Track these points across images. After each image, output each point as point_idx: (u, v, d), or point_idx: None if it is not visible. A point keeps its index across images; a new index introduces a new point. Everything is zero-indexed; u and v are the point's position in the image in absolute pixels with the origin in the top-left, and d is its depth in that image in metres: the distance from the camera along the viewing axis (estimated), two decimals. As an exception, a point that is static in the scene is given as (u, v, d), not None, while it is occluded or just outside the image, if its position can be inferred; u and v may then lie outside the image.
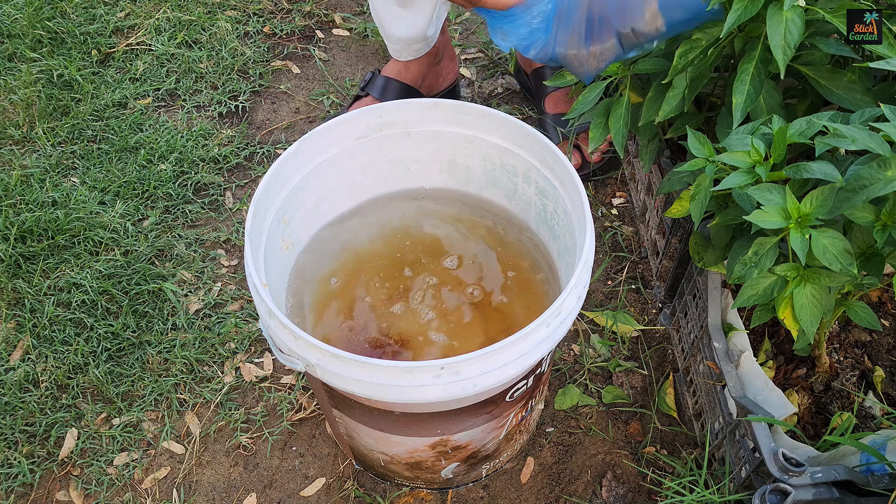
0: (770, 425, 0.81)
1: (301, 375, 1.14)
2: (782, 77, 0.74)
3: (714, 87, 0.96)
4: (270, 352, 1.17)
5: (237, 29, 1.65)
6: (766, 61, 0.79)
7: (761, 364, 0.95)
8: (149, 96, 1.53)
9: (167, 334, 1.19)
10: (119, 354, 1.17)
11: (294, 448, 1.09)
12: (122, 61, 1.59)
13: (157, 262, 1.28)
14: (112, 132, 1.46)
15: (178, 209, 1.35)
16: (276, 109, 1.53)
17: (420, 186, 1.03)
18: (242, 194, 1.38)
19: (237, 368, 1.15)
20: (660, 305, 1.20)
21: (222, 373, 1.15)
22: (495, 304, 0.94)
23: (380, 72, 1.42)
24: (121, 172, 1.39)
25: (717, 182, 0.76)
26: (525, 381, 0.83)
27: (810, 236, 0.68)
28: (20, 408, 1.11)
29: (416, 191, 1.03)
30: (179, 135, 1.45)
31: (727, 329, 0.94)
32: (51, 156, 1.42)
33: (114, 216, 1.32)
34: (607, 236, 1.31)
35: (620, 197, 1.37)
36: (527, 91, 1.50)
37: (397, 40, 1.34)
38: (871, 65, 0.72)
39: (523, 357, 0.72)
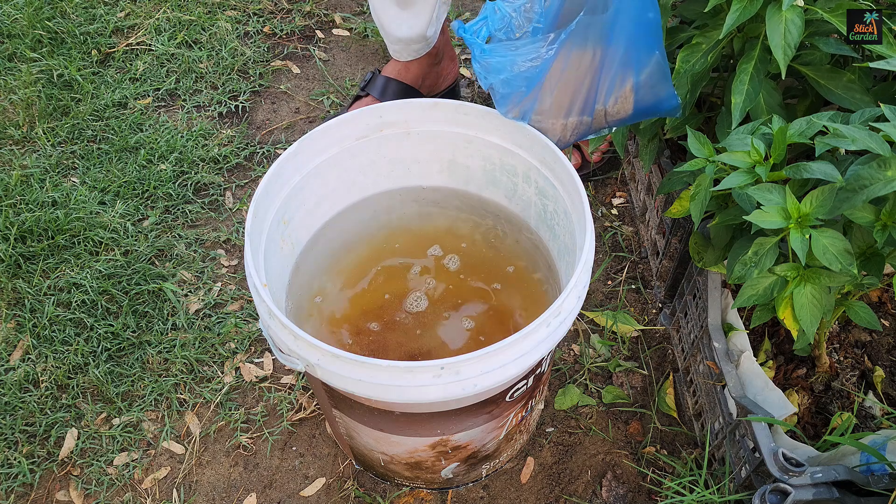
0: (770, 425, 0.81)
1: (301, 375, 1.14)
2: (783, 77, 0.74)
3: (714, 87, 0.96)
4: (270, 352, 1.17)
5: (237, 29, 1.65)
6: (765, 61, 0.80)
7: (761, 364, 0.95)
8: (149, 96, 1.53)
9: (167, 334, 1.19)
10: (119, 354, 1.17)
11: (294, 448, 1.09)
12: (122, 61, 1.59)
13: (157, 262, 1.28)
14: (112, 132, 1.46)
15: (178, 209, 1.35)
16: (276, 109, 1.53)
17: (419, 186, 1.03)
18: (242, 194, 1.38)
19: (237, 368, 1.15)
20: (660, 305, 1.20)
21: (222, 373, 1.15)
22: (495, 304, 0.94)
23: (380, 72, 1.42)
24: (121, 172, 1.39)
25: (717, 182, 0.76)
26: (525, 381, 0.83)
27: (810, 236, 0.68)
28: (20, 408, 1.11)
29: (416, 190, 1.03)
30: (179, 135, 1.45)
31: (727, 329, 0.94)
32: (51, 156, 1.42)
33: (114, 216, 1.32)
34: (607, 236, 1.31)
35: (620, 197, 1.37)
36: (527, 91, 1.49)
37: (397, 41, 1.34)
38: (871, 65, 0.72)
39: (523, 357, 0.72)
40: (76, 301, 1.21)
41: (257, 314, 1.20)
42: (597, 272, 1.26)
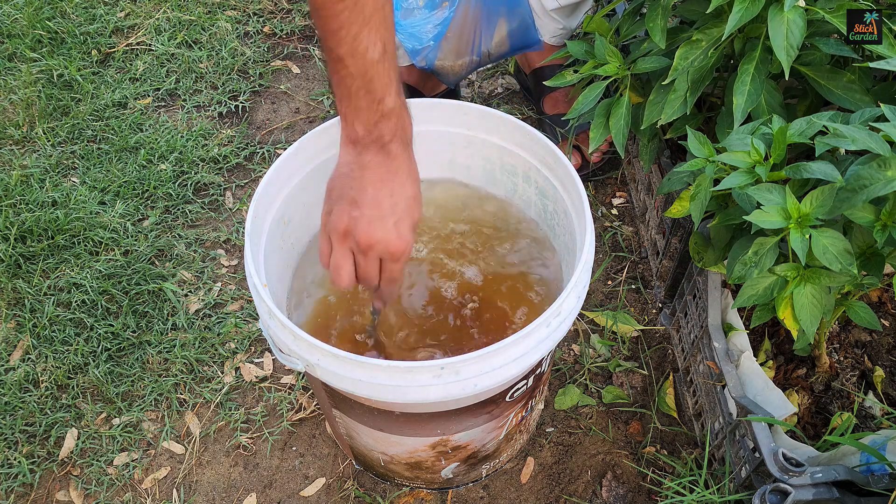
0: (770, 425, 0.81)
1: (301, 375, 1.14)
2: (787, 78, 0.74)
3: (714, 87, 0.96)
4: (270, 352, 1.17)
5: (237, 29, 1.65)
6: (766, 61, 0.80)
7: (761, 364, 0.95)
8: (149, 96, 1.53)
9: (167, 334, 1.19)
10: (119, 354, 1.17)
11: (294, 448, 1.09)
12: (122, 61, 1.59)
13: (157, 262, 1.28)
14: (112, 132, 1.46)
15: (178, 209, 1.35)
16: (276, 109, 1.53)
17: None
18: (242, 194, 1.38)
19: (237, 368, 1.15)
20: (660, 305, 1.20)
21: (222, 373, 1.15)
22: (494, 303, 0.94)
23: (380, 72, 1.42)
24: (121, 172, 1.39)
25: (717, 182, 0.76)
26: (525, 381, 0.83)
27: (810, 236, 0.68)
28: (20, 408, 1.11)
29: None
30: (179, 135, 1.45)
31: (727, 329, 0.94)
32: (51, 156, 1.42)
33: (114, 216, 1.32)
34: (607, 236, 1.31)
35: (620, 197, 1.37)
36: (526, 91, 1.50)
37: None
38: (871, 65, 0.72)
39: (523, 357, 0.72)
40: (76, 301, 1.21)
41: (257, 314, 1.20)
42: (597, 272, 1.26)
